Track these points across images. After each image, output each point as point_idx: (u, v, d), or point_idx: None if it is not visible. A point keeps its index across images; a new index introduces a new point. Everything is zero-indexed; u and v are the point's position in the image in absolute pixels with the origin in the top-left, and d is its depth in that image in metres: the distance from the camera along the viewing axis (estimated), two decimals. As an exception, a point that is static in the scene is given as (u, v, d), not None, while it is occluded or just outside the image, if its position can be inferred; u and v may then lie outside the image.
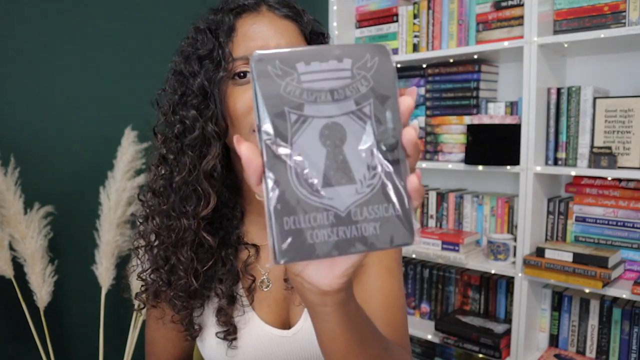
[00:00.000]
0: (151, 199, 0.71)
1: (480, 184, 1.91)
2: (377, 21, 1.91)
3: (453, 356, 1.83)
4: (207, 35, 0.65)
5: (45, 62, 1.55)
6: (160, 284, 0.70)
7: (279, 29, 0.66)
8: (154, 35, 1.77)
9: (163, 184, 0.69)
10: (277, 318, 0.75)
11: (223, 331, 0.71)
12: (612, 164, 1.40)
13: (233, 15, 0.66)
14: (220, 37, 0.65)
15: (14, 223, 1.42)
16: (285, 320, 0.75)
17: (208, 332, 0.74)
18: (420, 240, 1.79)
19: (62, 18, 1.57)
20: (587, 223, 1.54)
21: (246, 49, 0.64)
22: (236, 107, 0.65)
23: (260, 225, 0.75)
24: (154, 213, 0.70)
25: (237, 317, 0.72)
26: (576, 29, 1.45)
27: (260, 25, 0.66)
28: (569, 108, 1.51)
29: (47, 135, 1.57)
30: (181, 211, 0.67)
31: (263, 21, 0.66)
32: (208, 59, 0.65)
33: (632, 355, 1.45)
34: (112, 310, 1.64)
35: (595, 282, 1.37)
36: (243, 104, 0.64)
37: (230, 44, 0.65)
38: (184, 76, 0.66)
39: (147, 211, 0.71)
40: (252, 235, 0.76)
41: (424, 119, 1.84)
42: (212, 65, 0.64)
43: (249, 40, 0.65)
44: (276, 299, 0.75)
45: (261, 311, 0.74)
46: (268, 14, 0.67)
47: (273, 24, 0.66)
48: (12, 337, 1.55)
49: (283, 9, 0.68)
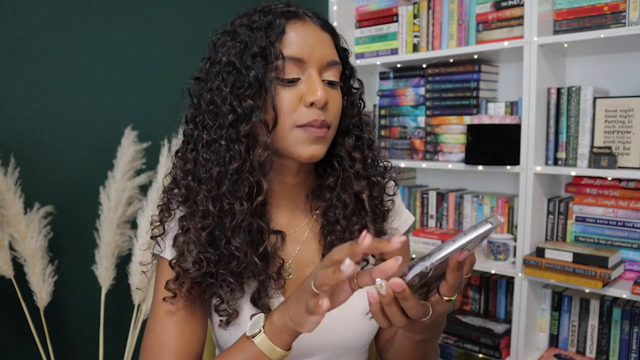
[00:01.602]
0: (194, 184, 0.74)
1: (480, 184, 1.91)
2: (377, 21, 1.91)
3: (453, 356, 1.83)
4: (259, 34, 0.71)
5: (46, 62, 1.55)
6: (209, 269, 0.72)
7: (320, 39, 0.74)
8: (154, 36, 1.77)
9: (216, 170, 0.72)
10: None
11: (258, 313, 0.74)
12: (612, 164, 1.40)
13: (284, 19, 0.72)
14: (271, 36, 0.70)
15: (14, 223, 1.42)
16: None
17: (242, 317, 0.76)
18: (420, 240, 1.79)
19: (62, 18, 1.57)
20: (587, 223, 1.54)
21: (295, 52, 0.71)
22: (283, 104, 0.71)
23: (282, 208, 0.81)
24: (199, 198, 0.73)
25: (271, 300, 0.76)
26: (576, 29, 1.45)
27: (307, 33, 0.73)
28: (569, 108, 1.51)
29: (47, 135, 1.57)
30: (235, 197, 0.71)
31: (309, 30, 0.73)
32: (260, 55, 0.70)
33: (632, 355, 1.45)
34: (112, 310, 1.64)
35: (595, 282, 1.37)
36: (289, 101, 0.71)
37: (279, 45, 0.71)
38: (236, 68, 0.71)
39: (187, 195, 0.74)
40: (276, 219, 0.81)
41: (424, 119, 1.84)
42: (264, 62, 0.70)
43: (296, 44, 0.71)
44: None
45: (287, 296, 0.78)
46: (312, 24, 0.74)
47: (317, 33, 0.74)
48: (12, 337, 1.55)
49: (323, 24, 0.76)
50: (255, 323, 0.67)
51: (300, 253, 0.82)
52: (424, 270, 0.55)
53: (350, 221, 0.79)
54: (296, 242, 0.82)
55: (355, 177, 0.80)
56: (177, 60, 1.71)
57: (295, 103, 0.71)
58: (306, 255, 0.82)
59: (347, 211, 0.79)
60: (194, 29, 1.79)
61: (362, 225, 0.80)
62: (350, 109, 0.81)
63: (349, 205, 0.79)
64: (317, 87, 0.70)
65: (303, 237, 0.83)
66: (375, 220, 0.82)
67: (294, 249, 0.82)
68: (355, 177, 0.80)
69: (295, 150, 0.72)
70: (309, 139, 0.72)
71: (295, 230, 0.83)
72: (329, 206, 0.80)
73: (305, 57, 0.71)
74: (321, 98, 0.70)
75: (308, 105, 0.71)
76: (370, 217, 0.81)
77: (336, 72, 0.75)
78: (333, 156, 0.80)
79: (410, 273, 0.56)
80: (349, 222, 0.79)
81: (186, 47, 1.58)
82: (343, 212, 0.79)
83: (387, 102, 1.94)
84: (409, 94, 1.88)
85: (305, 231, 0.83)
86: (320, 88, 0.71)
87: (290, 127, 0.71)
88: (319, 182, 0.82)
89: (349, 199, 0.79)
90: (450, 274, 0.58)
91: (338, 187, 0.80)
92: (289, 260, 0.81)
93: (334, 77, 0.75)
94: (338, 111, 0.76)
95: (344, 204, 0.79)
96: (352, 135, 0.81)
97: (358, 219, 0.80)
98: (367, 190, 0.81)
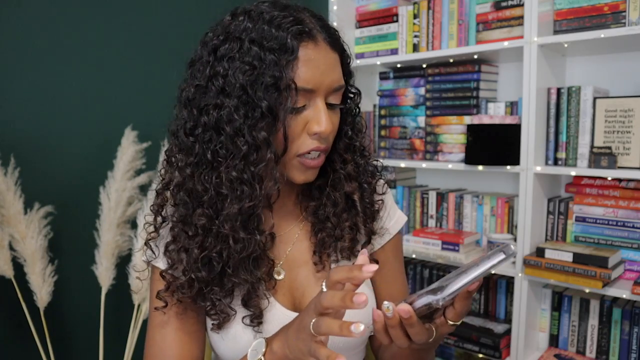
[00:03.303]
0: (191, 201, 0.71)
1: (480, 184, 1.91)
2: (377, 21, 1.91)
3: (453, 356, 1.83)
4: (270, 57, 0.65)
5: (46, 62, 1.56)
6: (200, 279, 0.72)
7: (330, 63, 0.70)
8: (154, 36, 1.77)
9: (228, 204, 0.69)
10: (292, 305, 0.79)
11: (249, 315, 0.74)
12: (612, 164, 1.40)
13: (297, 41, 0.67)
14: (282, 61, 0.65)
15: (14, 223, 1.42)
16: (299, 308, 0.79)
17: (234, 319, 0.76)
18: (420, 240, 1.79)
19: (63, 18, 1.57)
20: (587, 223, 1.54)
21: (305, 81, 0.67)
22: (289, 133, 0.68)
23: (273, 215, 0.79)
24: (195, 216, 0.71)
25: (261, 300, 0.76)
26: (576, 29, 1.45)
27: (317, 58, 0.68)
28: (569, 108, 1.51)
29: (47, 135, 1.57)
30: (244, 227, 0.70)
31: (320, 52, 0.69)
32: (272, 86, 0.65)
33: (632, 355, 1.45)
34: (112, 310, 1.64)
35: (595, 282, 1.37)
36: (295, 130, 0.69)
37: (290, 70, 0.66)
38: (247, 94, 0.66)
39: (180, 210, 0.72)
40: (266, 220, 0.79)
41: (424, 119, 1.84)
42: (277, 92, 0.66)
43: (307, 72, 0.67)
44: (290, 287, 0.80)
45: (279, 298, 0.78)
46: (323, 45, 0.70)
47: (327, 57, 0.70)
48: (12, 337, 1.55)
49: (334, 43, 0.72)
50: (257, 349, 0.67)
51: (292, 253, 0.82)
52: (434, 304, 0.55)
53: (340, 218, 0.79)
54: (287, 242, 0.82)
55: (346, 178, 0.79)
56: (177, 60, 1.71)
57: (300, 131, 0.69)
58: (297, 255, 0.82)
59: (338, 209, 0.79)
60: (194, 29, 1.79)
61: (353, 223, 0.80)
62: (346, 115, 0.80)
63: (339, 204, 0.79)
64: (323, 118, 0.69)
65: (294, 238, 0.82)
66: (366, 220, 0.81)
67: (285, 249, 0.82)
68: (346, 178, 0.79)
69: (290, 176, 0.73)
70: (305, 168, 0.72)
71: (286, 231, 0.82)
72: (319, 205, 0.80)
73: (316, 87, 0.68)
74: (326, 130, 0.69)
75: (311, 135, 0.70)
76: (361, 217, 0.81)
77: (340, 94, 0.74)
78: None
79: (418, 301, 0.56)
80: (339, 219, 0.79)
81: (186, 47, 1.57)
82: (333, 210, 0.79)
83: (387, 102, 1.94)
84: (409, 94, 1.88)
85: (296, 232, 0.83)
86: (326, 118, 0.69)
87: (292, 156, 0.71)
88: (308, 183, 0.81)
89: (339, 198, 0.79)
90: (459, 302, 0.58)
91: (328, 186, 0.79)
92: (280, 262, 0.81)
93: (337, 101, 0.73)
94: (336, 131, 0.75)
95: (334, 203, 0.79)
96: (345, 139, 0.80)
97: (348, 216, 0.80)
98: (358, 192, 0.81)
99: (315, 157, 0.72)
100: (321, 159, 0.73)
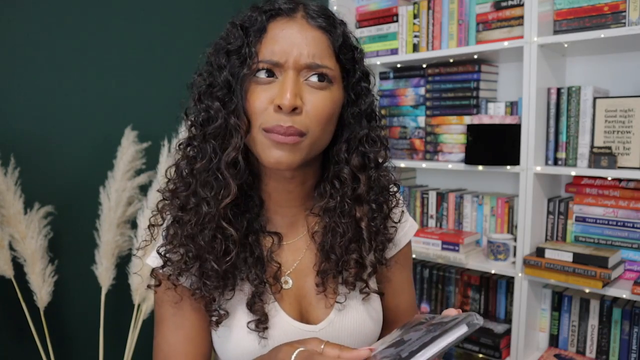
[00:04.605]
0: (176, 178, 0.74)
1: (480, 184, 1.91)
2: (377, 21, 1.91)
3: (453, 356, 1.83)
4: (238, 31, 0.69)
5: (46, 62, 1.56)
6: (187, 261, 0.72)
7: (307, 38, 0.68)
8: (154, 36, 1.77)
9: (186, 167, 0.72)
10: (298, 315, 0.78)
11: (255, 320, 0.73)
12: (612, 164, 1.40)
13: (267, 17, 0.69)
14: (250, 35, 0.68)
15: (14, 223, 1.43)
16: (304, 318, 0.78)
17: (237, 322, 0.75)
18: (420, 240, 1.79)
19: (62, 18, 1.57)
20: (587, 223, 1.54)
21: (271, 52, 0.67)
22: (254, 105, 0.68)
23: (280, 215, 0.79)
24: (177, 193, 0.73)
25: (266, 305, 0.75)
26: (576, 29, 1.45)
27: (289, 31, 0.68)
28: (569, 108, 1.51)
29: (47, 135, 1.57)
30: (201, 197, 0.70)
31: (293, 28, 0.68)
32: (236, 54, 0.68)
33: (632, 355, 1.45)
34: (112, 310, 1.64)
35: (595, 282, 1.37)
36: (259, 103, 0.68)
37: (258, 44, 0.68)
38: (213, 67, 0.70)
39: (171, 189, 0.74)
40: (274, 223, 0.79)
41: (424, 118, 1.84)
42: (238, 62, 0.68)
43: (274, 44, 0.67)
44: (297, 297, 0.79)
45: (284, 306, 0.77)
46: (301, 22, 0.69)
47: (303, 32, 0.68)
48: (12, 337, 1.55)
49: (318, 19, 0.70)
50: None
51: (301, 263, 0.80)
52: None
53: (347, 250, 0.75)
54: (297, 251, 0.80)
55: (357, 201, 0.75)
56: (178, 60, 1.71)
57: (265, 104, 0.67)
58: (306, 264, 0.80)
59: (345, 239, 0.75)
60: (194, 29, 1.80)
61: (359, 256, 0.76)
62: (357, 119, 0.74)
63: (346, 234, 0.75)
64: (287, 91, 0.65)
65: (304, 247, 0.80)
66: (375, 250, 0.77)
67: (295, 259, 0.80)
68: (357, 201, 0.75)
69: (260, 155, 0.69)
70: (272, 144, 0.67)
71: (295, 239, 0.80)
72: (327, 230, 0.76)
73: (283, 59, 0.67)
74: (288, 103, 0.65)
75: (276, 109, 0.66)
76: (368, 246, 0.76)
77: (324, 74, 0.68)
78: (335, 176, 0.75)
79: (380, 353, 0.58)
80: (345, 251, 0.75)
81: (186, 47, 1.57)
82: (341, 240, 0.75)
83: (387, 102, 1.94)
84: (409, 94, 1.88)
85: (307, 242, 0.80)
86: (290, 92, 0.65)
87: (258, 129, 0.68)
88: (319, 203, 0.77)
89: (347, 226, 0.75)
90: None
91: (337, 210, 0.75)
92: (288, 270, 0.79)
93: (318, 79, 0.68)
94: (321, 117, 0.68)
95: (342, 232, 0.75)
96: (359, 154, 0.74)
97: (356, 246, 0.76)
98: (368, 217, 0.75)
99: (282, 132, 0.66)
100: (292, 138, 0.67)
